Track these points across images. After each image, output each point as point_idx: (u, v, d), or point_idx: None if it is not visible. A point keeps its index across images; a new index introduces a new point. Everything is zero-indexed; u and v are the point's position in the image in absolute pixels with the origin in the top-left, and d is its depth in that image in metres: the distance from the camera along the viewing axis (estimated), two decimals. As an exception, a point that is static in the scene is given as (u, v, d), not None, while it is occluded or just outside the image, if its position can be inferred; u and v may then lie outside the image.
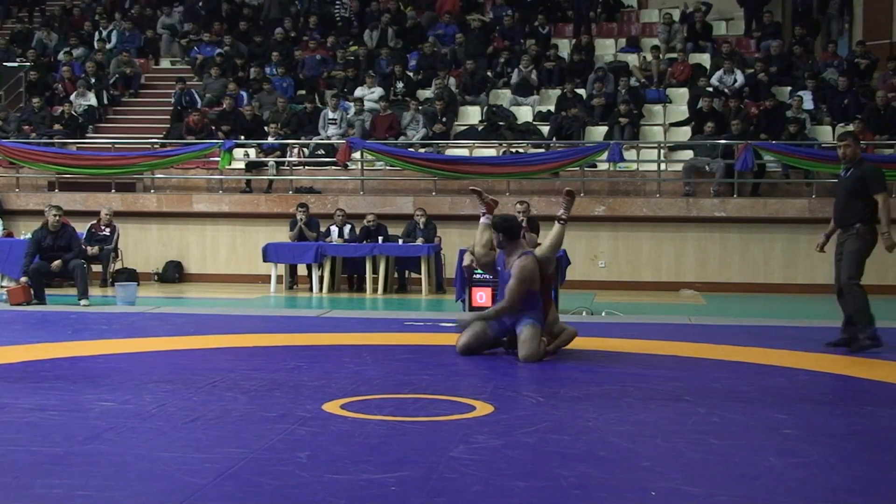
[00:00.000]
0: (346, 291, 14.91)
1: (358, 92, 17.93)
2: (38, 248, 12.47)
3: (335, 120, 17.09)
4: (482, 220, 8.21)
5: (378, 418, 5.55)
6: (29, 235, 13.70)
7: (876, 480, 4.46)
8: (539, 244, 12.12)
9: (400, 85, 18.20)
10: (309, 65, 19.04)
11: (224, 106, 17.55)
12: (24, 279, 12.33)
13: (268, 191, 16.53)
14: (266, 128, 17.13)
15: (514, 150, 16.50)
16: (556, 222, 8.13)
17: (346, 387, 6.47)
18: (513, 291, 7.73)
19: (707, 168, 15.65)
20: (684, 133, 16.85)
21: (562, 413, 5.77)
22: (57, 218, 12.59)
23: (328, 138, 16.96)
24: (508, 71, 18.30)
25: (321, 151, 16.98)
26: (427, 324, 10.13)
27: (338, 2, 20.93)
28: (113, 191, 16.63)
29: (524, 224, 11.84)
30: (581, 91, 17.69)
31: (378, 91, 17.85)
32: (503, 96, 18.05)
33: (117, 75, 19.54)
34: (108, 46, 20.69)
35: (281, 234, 15.37)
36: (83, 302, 12.04)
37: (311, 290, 14.57)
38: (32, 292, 12.14)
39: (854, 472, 4.58)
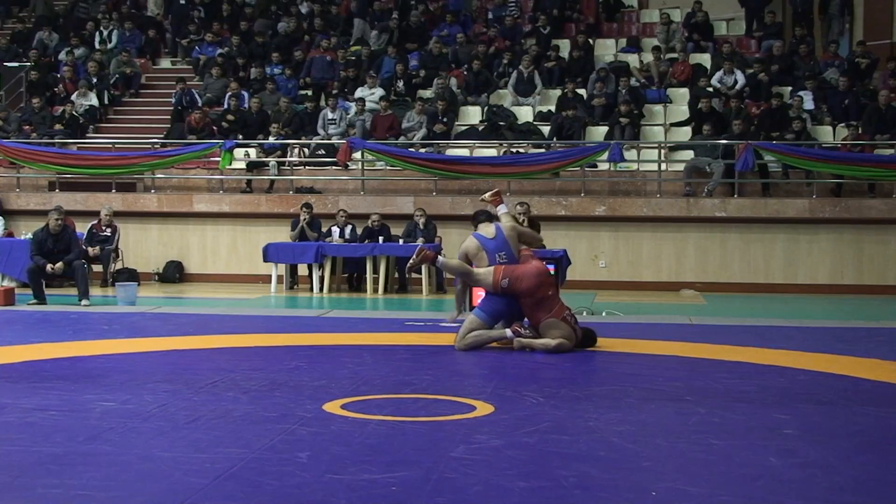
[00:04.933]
0: (347, 291, 14.91)
1: (359, 92, 17.93)
2: (40, 250, 12.46)
3: (335, 120, 17.09)
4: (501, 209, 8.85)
5: (378, 418, 5.55)
6: (30, 235, 13.71)
7: (876, 480, 4.46)
8: (542, 245, 12.19)
9: (400, 85, 18.20)
10: (317, 66, 19.04)
11: (230, 107, 17.53)
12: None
13: (268, 191, 16.53)
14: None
15: (514, 150, 16.50)
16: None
17: (346, 387, 6.47)
18: None
19: (708, 168, 15.65)
20: (685, 133, 16.85)
21: (562, 413, 5.77)
22: (59, 222, 12.58)
23: (329, 138, 16.96)
24: (510, 70, 18.29)
25: (322, 151, 16.98)
26: (427, 324, 10.12)
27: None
28: (113, 191, 16.64)
29: (524, 224, 11.89)
30: (582, 91, 17.69)
31: (379, 91, 17.85)
32: (504, 96, 18.05)
33: (117, 75, 19.55)
34: (108, 46, 20.68)
35: (282, 234, 15.37)
36: (84, 302, 12.04)
37: (311, 290, 14.57)
38: (15, 296, 12.10)
39: (854, 472, 4.58)
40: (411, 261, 8.68)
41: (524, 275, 8.25)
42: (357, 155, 16.43)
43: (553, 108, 17.31)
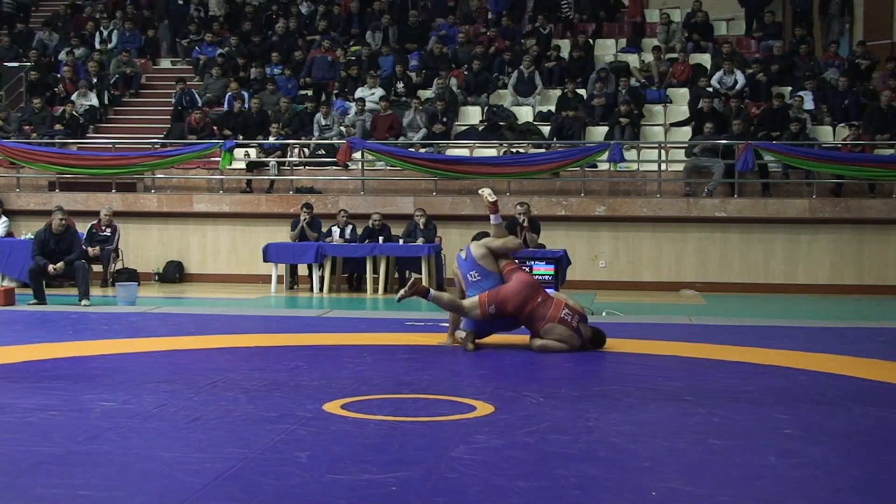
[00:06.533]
0: (347, 291, 14.91)
1: (359, 92, 17.93)
2: (42, 250, 12.47)
3: (329, 126, 17.05)
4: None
5: (378, 418, 5.55)
6: (31, 235, 13.69)
7: (876, 480, 4.46)
8: (541, 244, 12.20)
9: (400, 85, 18.19)
10: (318, 66, 19.03)
11: (233, 108, 17.52)
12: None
13: (268, 191, 16.53)
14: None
15: (514, 150, 16.50)
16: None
17: (346, 387, 6.47)
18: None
19: (710, 170, 15.63)
20: (685, 133, 16.84)
21: (562, 413, 5.78)
22: (62, 222, 12.59)
23: (329, 138, 16.96)
24: (509, 70, 18.28)
25: (322, 151, 16.98)
26: (427, 324, 10.12)
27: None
28: (113, 191, 16.63)
29: (525, 224, 11.91)
30: (582, 91, 17.69)
31: (379, 91, 17.84)
32: (504, 96, 18.05)
33: (118, 75, 19.54)
34: (109, 46, 20.69)
35: (282, 234, 15.37)
36: (84, 302, 12.04)
37: (311, 290, 14.58)
38: (15, 296, 12.12)
39: (854, 472, 4.58)
40: (403, 291, 8.50)
41: (507, 296, 8.21)
42: (357, 155, 16.43)
43: (553, 108, 17.30)
